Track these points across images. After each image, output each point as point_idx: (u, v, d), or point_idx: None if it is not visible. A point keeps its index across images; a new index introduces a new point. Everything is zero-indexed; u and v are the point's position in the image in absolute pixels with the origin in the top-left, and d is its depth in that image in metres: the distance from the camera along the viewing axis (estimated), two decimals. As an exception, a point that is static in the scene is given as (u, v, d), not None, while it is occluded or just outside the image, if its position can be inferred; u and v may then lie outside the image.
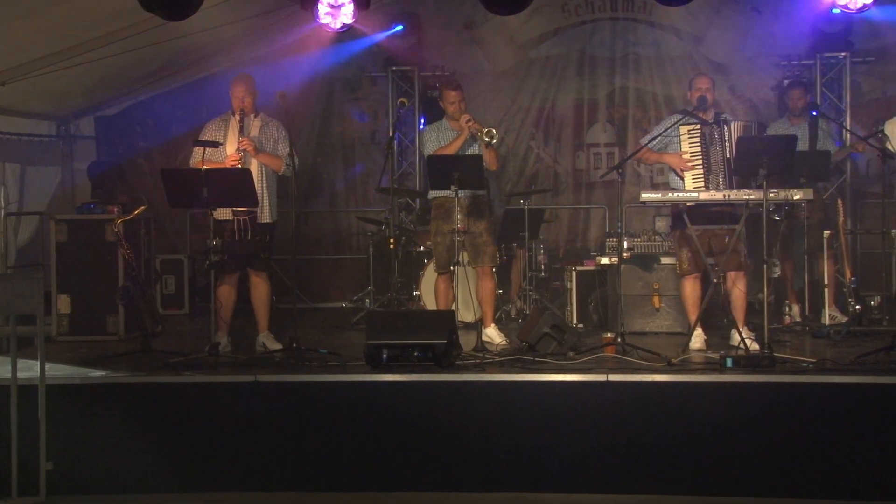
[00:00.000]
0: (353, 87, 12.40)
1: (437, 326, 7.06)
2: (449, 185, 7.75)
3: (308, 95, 12.16)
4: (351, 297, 11.05)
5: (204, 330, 8.04)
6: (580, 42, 11.99)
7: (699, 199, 7.48)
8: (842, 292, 8.89)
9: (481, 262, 8.34)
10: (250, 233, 7.87)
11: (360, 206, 12.14)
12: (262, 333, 8.12)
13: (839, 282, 9.01)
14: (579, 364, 7.08)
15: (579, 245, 11.93)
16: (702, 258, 7.62)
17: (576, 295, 9.47)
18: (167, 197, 7.40)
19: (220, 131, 8.01)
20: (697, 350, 7.61)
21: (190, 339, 8.76)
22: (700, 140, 7.78)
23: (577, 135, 12.14)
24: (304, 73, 12.12)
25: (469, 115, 8.14)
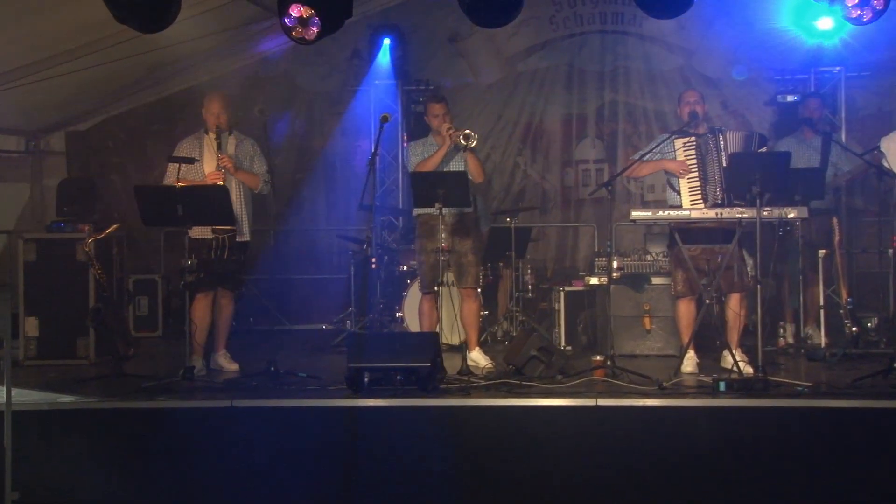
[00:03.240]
0: (334, 101, 12.41)
1: (420, 349, 7.06)
2: (433, 203, 7.77)
3: (287, 110, 12.18)
4: (331, 318, 11.04)
5: (178, 353, 8.01)
6: (568, 55, 12.05)
7: (690, 217, 7.51)
8: (837, 314, 8.91)
9: (465, 282, 8.35)
10: (227, 251, 7.91)
11: (342, 224, 12.12)
12: (219, 353, 8.20)
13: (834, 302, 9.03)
14: (568, 388, 7.08)
15: (568, 265, 11.94)
16: (696, 280, 7.64)
17: (564, 316, 9.46)
18: (141, 215, 7.40)
19: (195, 150, 8.04)
20: (689, 373, 7.62)
21: (164, 362, 8.72)
22: (696, 151, 7.81)
23: (566, 151, 12.17)
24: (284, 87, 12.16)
25: (450, 125, 8.17)
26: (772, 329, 9.16)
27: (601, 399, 6.65)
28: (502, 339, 9.86)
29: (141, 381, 7.30)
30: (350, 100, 12.39)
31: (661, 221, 7.81)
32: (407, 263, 9.97)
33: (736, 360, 7.27)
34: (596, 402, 6.62)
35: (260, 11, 9.89)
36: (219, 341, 8.24)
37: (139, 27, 7.77)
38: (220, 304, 8.16)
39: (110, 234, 8.52)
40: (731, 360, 7.39)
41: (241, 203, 8.08)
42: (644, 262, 9.40)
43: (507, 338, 9.75)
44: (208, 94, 8.33)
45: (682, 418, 6.55)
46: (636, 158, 8.03)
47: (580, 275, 10.05)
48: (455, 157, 8.26)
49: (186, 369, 7.31)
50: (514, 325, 9.87)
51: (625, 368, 7.38)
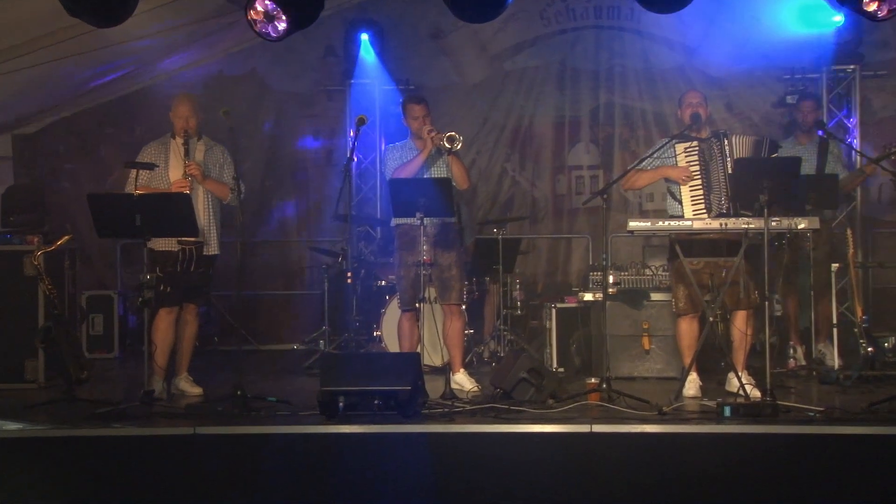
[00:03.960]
0: (306, 103, 12.43)
1: (400, 371, 7.05)
2: (414, 212, 7.78)
3: (256, 112, 12.20)
4: (303, 338, 11.03)
5: (136, 376, 7.99)
6: (560, 53, 12.10)
7: (693, 228, 7.53)
8: (852, 333, 8.95)
9: (449, 298, 8.36)
10: (194, 265, 7.95)
11: (314, 236, 12.14)
12: (181, 376, 8.21)
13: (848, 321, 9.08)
14: (560, 413, 7.09)
15: (560, 279, 11.98)
16: (699, 296, 7.67)
17: (556, 335, 9.48)
18: (95, 225, 7.37)
19: (161, 156, 8.04)
20: (692, 397, 7.64)
21: (120, 386, 8.70)
22: (699, 157, 7.83)
23: (558, 156, 12.22)
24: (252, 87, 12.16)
25: (431, 127, 8.19)
26: (781, 349, 9.20)
27: (596, 425, 6.65)
28: (489, 360, 9.87)
29: (95, 406, 7.25)
30: (323, 101, 12.42)
31: (660, 233, 7.84)
32: (385, 278, 9.97)
33: (742, 383, 7.29)
34: (590, 428, 6.62)
35: (224, 4, 9.90)
36: (181, 363, 8.24)
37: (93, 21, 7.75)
38: (184, 321, 8.18)
39: (61, 247, 8.47)
40: (736, 382, 7.40)
41: (210, 214, 8.10)
42: (642, 276, 9.43)
43: (495, 359, 9.76)
44: (177, 95, 8.33)
45: (684, 446, 6.55)
46: (634, 166, 8.04)
47: (573, 290, 10.10)
48: (437, 161, 8.28)
49: (145, 393, 7.27)
50: (502, 345, 9.88)
51: (622, 392, 7.39)
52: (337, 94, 12.27)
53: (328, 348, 10.02)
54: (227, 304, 10.83)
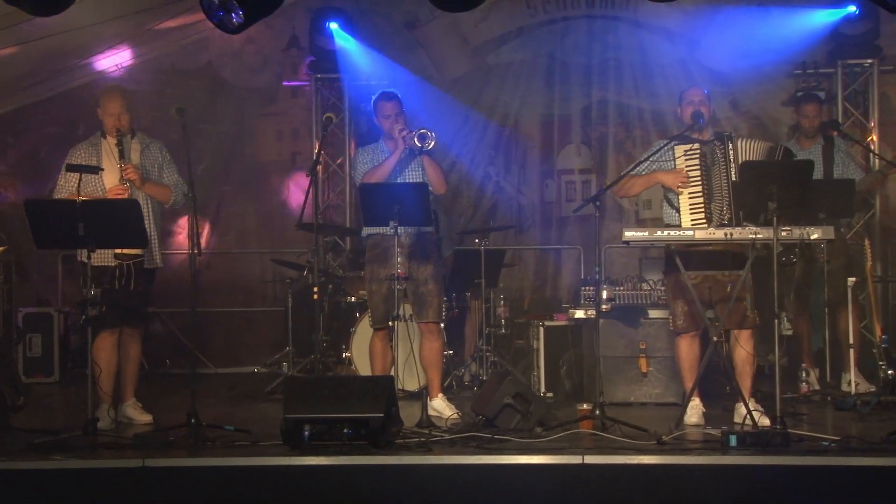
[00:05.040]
0: (267, 99, 12.43)
1: (371, 396, 7.04)
2: (387, 221, 7.79)
3: (212, 110, 12.19)
4: (264, 359, 11.02)
5: (79, 402, 7.95)
6: (549, 45, 12.14)
7: (694, 238, 7.55)
8: (870, 353, 8.99)
9: (426, 316, 8.36)
10: (133, 281, 7.91)
11: (277, 247, 12.12)
12: (127, 402, 8.19)
13: (866, 340, 9.12)
14: (549, 443, 7.09)
15: (548, 295, 12.01)
16: (700, 312, 7.69)
17: (544, 357, 9.50)
18: (33, 235, 7.34)
19: (92, 158, 7.96)
20: (694, 425, 7.66)
21: (61, 413, 8.66)
22: (700, 162, 7.86)
23: (546, 159, 12.26)
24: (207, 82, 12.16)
25: (403, 126, 8.21)
26: (792, 372, 9.24)
27: (588, 456, 6.65)
28: (470, 385, 9.88)
29: (33, 436, 7.21)
30: (287, 97, 12.44)
31: (658, 243, 7.85)
32: (355, 293, 9.97)
33: (749, 410, 7.31)
34: (582, 459, 6.62)
35: (176, -9, 9.91)
36: (126, 388, 8.20)
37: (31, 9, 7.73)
38: (125, 345, 8.14)
39: (-5, 259, 8.47)
40: (743, 409, 7.43)
41: (151, 222, 8.03)
42: (639, 291, 9.45)
43: (476, 383, 9.76)
44: (104, 89, 8.29)
45: (686, 479, 6.56)
46: (629, 171, 8.06)
47: (563, 307, 10.10)
48: (411, 164, 8.29)
49: (88, 422, 7.24)
50: (485, 368, 9.89)
51: (617, 419, 7.39)
52: (301, 90, 12.29)
53: (292, 371, 10.01)
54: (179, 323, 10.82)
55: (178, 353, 10.28)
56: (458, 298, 10.04)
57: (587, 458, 6.63)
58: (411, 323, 8.55)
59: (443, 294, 8.56)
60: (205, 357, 11.28)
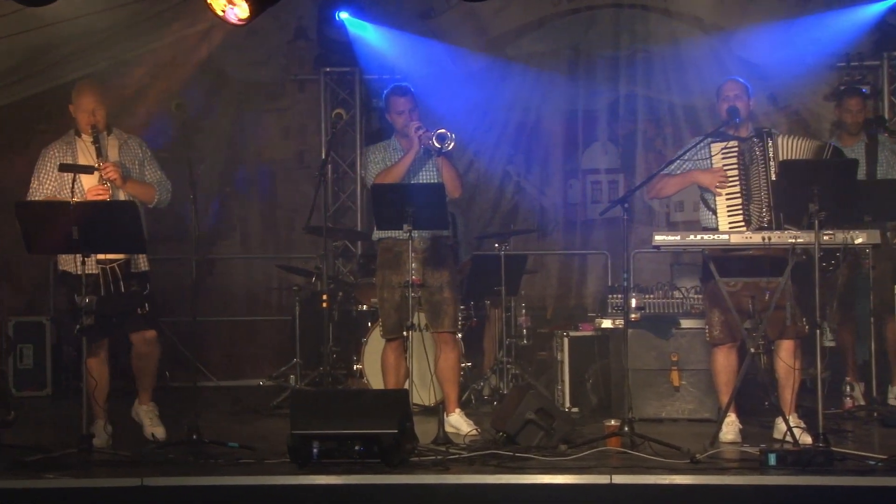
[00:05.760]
0: (273, 94, 12.46)
1: (384, 411, 7.05)
2: (400, 224, 7.79)
3: (213, 105, 12.21)
4: (270, 372, 11.03)
5: (73, 417, 7.97)
6: (573, 36, 12.14)
7: (730, 242, 7.54)
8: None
9: (441, 325, 8.37)
10: (123, 284, 7.88)
11: (283, 252, 12.15)
12: (142, 405, 8.16)
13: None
14: (574, 461, 7.08)
15: (573, 303, 12.00)
16: (738, 322, 7.67)
17: (569, 369, 9.50)
18: (24, 239, 7.36)
19: (68, 157, 7.91)
20: (730, 443, 7.65)
21: (54, 429, 8.67)
22: (737, 159, 7.84)
23: (570, 158, 12.25)
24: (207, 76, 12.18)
25: (419, 123, 8.21)
26: (835, 386, 9.21)
27: (617, 475, 6.65)
28: (490, 399, 9.89)
29: (24, 453, 7.23)
30: (293, 92, 12.46)
31: (692, 248, 7.84)
32: (367, 301, 9.98)
33: (790, 427, 7.30)
34: (610, 479, 6.62)
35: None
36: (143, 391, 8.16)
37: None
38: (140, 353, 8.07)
39: (-17, 265, 8.49)
40: (783, 426, 7.42)
41: None
42: (671, 299, 9.45)
43: (496, 397, 9.76)
44: (77, 84, 8.24)
45: (722, 500, 6.56)
46: (660, 170, 8.06)
47: (589, 316, 10.09)
48: (427, 164, 8.30)
49: (83, 438, 7.26)
50: (505, 381, 9.88)
51: (647, 436, 7.38)
52: (309, 85, 12.31)
53: (299, 384, 10.02)
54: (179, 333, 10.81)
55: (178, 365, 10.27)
56: (476, 307, 10.05)
57: (615, 477, 6.63)
58: (426, 333, 8.56)
59: (459, 302, 8.57)
60: (206, 369, 11.30)
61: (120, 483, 6.74)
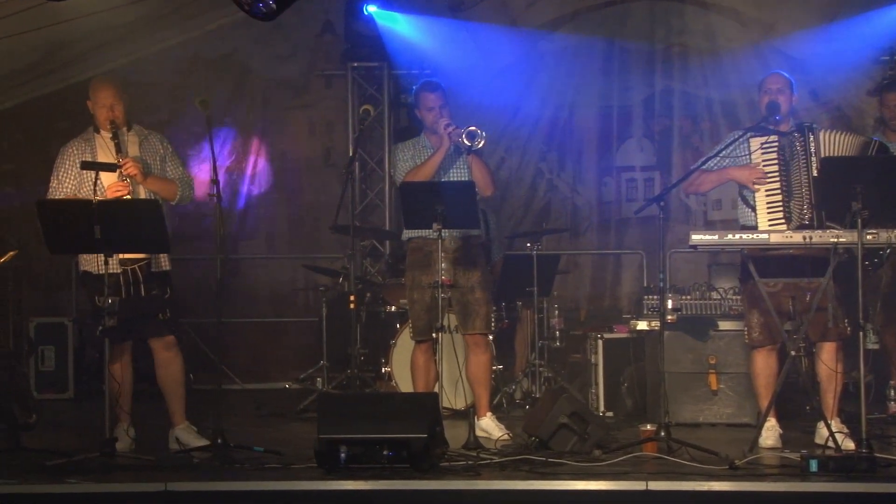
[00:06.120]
0: (298, 90, 12.48)
1: (414, 415, 7.06)
2: (430, 223, 7.80)
3: (237, 102, 12.25)
4: (297, 374, 11.05)
5: (95, 420, 8.01)
6: (607, 30, 12.13)
7: (769, 242, 7.52)
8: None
9: (472, 327, 8.37)
10: (143, 287, 7.88)
11: (309, 252, 12.17)
12: (178, 427, 8.08)
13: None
14: (608, 467, 7.07)
15: (607, 304, 11.99)
16: (778, 324, 7.65)
17: (603, 372, 9.50)
18: (45, 239, 7.38)
19: (86, 155, 7.92)
20: (770, 448, 7.62)
21: (76, 433, 8.71)
22: (778, 156, 7.82)
23: (604, 154, 12.25)
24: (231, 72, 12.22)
25: (448, 120, 8.22)
26: (879, 390, 9.17)
27: (653, 482, 6.64)
28: (521, 403, 9.90)
29: (45, 457, 7.26)
30: (319, 88, 12.48)
31: (730, 248, 7.81)
32: (395, 302, 9.99)
33: (832, 432, 7.27)
34: (646, 485, 6.61)
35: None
36: (174, 412, 8.09)
37: (38, -7, 7.83)
38: (159, 360, 8.07)
39: (4, 264, 8.53)
40: (825, 431, 7.39)
41: None
42: (708, 300, 9.42)
43: (528, 401, 9.77)
44: (94, 80, 8.25)
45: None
46: (698, 167, 8.05)
47: (623, 318, 10.08)
48: (457, 162, 8.31)
49: (106, 442, 7.29)
50: (538, 384, 9.89)
51: (684, 441, 7.38)
52: (336, 80, 12.33)
53: (326, 387, 10.04)
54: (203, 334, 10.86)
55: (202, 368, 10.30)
56: (507, 308, 10.04)
57: (651, 483, 6.62)
58: (457, 335, 8.56)
59: (491, 303, 8.57)
60: (231, 372, 11.33)
61: (143, 488, 6.75)
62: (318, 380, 10.34)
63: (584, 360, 10.17)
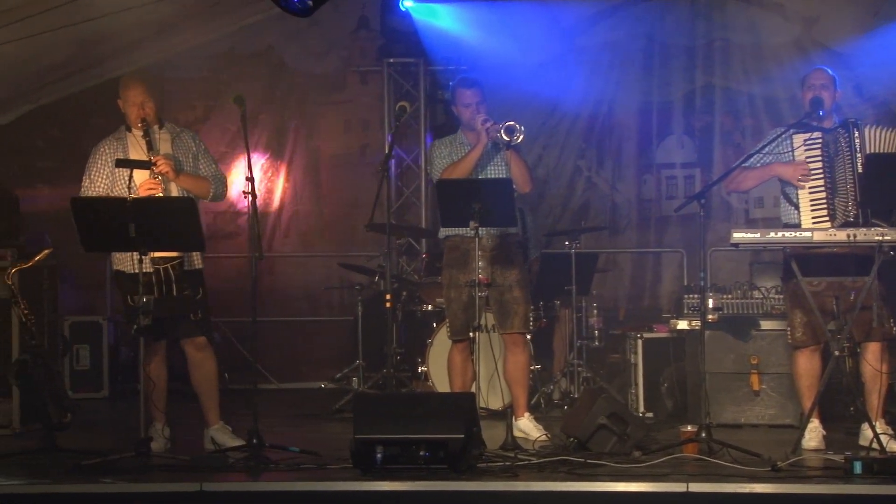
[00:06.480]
0: (333, 87, 12.49)
1: (450, 415, 7.05)
2: (467, 221, 7.80)
3: (272, 99, 12.27)
4: (332, 374, 11.06)
5: (130, 420, 8.04)
6: (647, 25, 12.10)
7: (812, 240, 7.47)
8: None
9: (510, 326, 8.36)
10: (175, 286, 7.89)
11: (345, 250, 12.19)
12: (212, 427, 8.12)
13: None
14: (648, 468, 7.05)
15: (647, 303, 11.96)
16: (821, 323, 7.60)
17: (642, 372, 9.48)
18: (80, 237, 7.41)
19: (118, 153, 7.94)
20: (813, 450, 7.59)
21: (111, 432, 8.75)
22: (822, 152, 7.77)
23: (644, 152, 12.21)
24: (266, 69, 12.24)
25: (486, 116, 8.20)
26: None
27: (694, 483, 6.61)
28: (560, 403, 9.88)
29: (80, 457, 7.30)
30: (355, 84, 12.49)
31: (772, 246, 7.77)
32: (432, 301, 9.99)
33: (876, 433, 7.23)
34: (687, 487, 6.58)
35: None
36: (210, 411, 8.13)
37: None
38: (192, 360, 8.10)
39: (40, 263, 8.55)
40: (870, 433, 7.35)
41: None
42: (750, 300, 9.38)
43: (567, 401, 9.75)
44: (123, 78, 8.26)
45: (804, 510, 6.53)
46: (739, 164, 8.00)
47: (663, 317, 10.05)
48: (495, 158, 8.30)
49: (141, 442, 7.31)
50: (576, 385, 9.87)
51: (725, 443, 7.35)
52: (372, 76, 12.34)
53: (362, 387, 10.05)
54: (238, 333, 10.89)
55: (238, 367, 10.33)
56: (545, 307, 10.02)
57: (692, 485, 6.59)
58: (494, 334, 8.55)
59: (530, 301, 8.55)
60: (266, 371, 11.35)
61: (178, 488, 6.77)
62: (354, 379, 10.35)
63: (623, 360, 10.15)
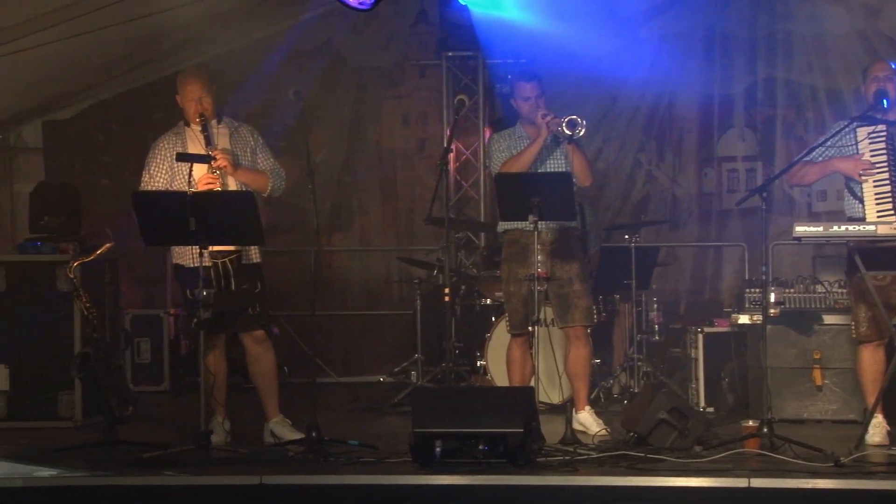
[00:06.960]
0: (393, 80, 12.52)
1: (509, 409, 7.07)
2: (526, 215, 7.81)
3: (331, 93, 12.32)
4: (391, 368, 11.11)
5: (191, 413, 8.11)
6: (708, 17, 12.02)
7: (877, 234, 7.43)
8: None
9: (571, 320, 8.36)
10: (233, 280, 7.93)
11: (404, 244, 12.22)
12: (271, 420, 8.17)
13: None
14: (709, 463, 7.04)
15: (708, 298, 11.90)
16: (886, 318, 7.56)
17: (703, 367, 9.45)
18: (141, 231, 7.50)
19: (178, 148, 7.98)
20: (877, 445, 7.55)
21: (172, 425, 8.82)
22: (886, 145, 7.71)
23: (705, 145, 12.15)
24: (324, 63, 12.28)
25: (546, 110, 8.20)
26: None
27: (755, 479, 6.60)
28: (619, 397, 9.87)
29: (142, 449, 7.38)
30: (414, 78, 12.50)
31: (835, 240, 7.73)
32: (491, 295, 10.00)
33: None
34: (748, 482, 6.57)
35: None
36: (268, 406, 8.19)
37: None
38: (251, 354, 8.15)
39: (101, 257, 8.62)
40: (935, 428, 7.32)
41: None
42: (812, 294, 9.32)
43: (627, 395, 9.74)
44: (181, 74, 8.32)
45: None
46: (801, 157, 7.96)
47: (724, 311, 10.01)
48: (554, 152, 8.31)
49: (201, 435, 7.38)
50: (636, 379, 9.87)
51: (787, 438, 7.32)
52: (430, 70, 12.34)
53: (421, 381, 10.08)
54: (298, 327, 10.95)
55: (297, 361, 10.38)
56: (605, 301, 10.00)
57: (753, 481, 6.58)
58: (554, 328, 8.56)
59: (591, 295, 8.55)
60: (326, 365, 11.40)
61: (238, 481, 6.83)
62: (413, 373, 10.38)
63: (683, 355, 10.13)
